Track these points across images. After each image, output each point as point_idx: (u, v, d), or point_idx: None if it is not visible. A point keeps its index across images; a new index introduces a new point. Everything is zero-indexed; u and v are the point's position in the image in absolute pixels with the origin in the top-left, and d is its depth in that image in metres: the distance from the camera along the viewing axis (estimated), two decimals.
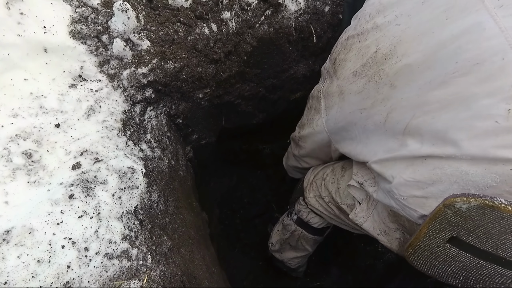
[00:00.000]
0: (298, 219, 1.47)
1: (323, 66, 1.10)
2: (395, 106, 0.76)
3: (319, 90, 1.08)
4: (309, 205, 1.38)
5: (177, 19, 1.02)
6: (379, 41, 0.78)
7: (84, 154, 0.79)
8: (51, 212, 0.66)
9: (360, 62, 0.84)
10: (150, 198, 0.86)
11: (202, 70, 1.12)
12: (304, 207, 1.43)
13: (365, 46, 0.83)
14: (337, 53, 0.96)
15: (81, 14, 0.87)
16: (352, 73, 0.87)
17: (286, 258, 1.69)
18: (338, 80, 0.94)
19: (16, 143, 0.73)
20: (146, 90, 1.00)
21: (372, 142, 0.89)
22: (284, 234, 1.58)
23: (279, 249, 1.68)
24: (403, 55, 0.72)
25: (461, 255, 0.73)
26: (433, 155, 0.69)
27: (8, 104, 0.76)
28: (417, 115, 0.70)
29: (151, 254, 0.74)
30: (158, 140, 1.05)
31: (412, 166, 0.74)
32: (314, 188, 1.34)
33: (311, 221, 1.44)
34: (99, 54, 0.89)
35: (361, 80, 0.84)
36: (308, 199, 1.37)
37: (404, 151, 0.76)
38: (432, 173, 0.70)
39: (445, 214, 0.68)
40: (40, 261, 0.60)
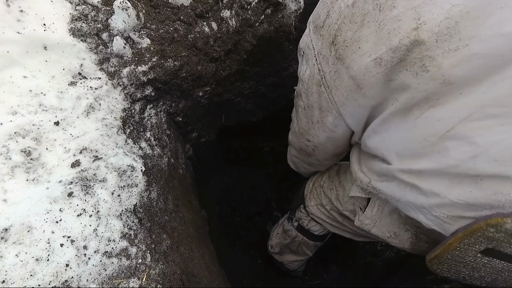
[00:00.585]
0: (299, 226, 1.47)
1: (305, 44, 0.83)
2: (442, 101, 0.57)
3: (319, 83, 0.80)
4: (310, 213, 1.36)
5: (177, 17, 1.02)
6: (422, 13, 0.53)
7: (84, 152, 0.79)
8: (50, 210, 0.66)
9: (387, 45, 0.58)
10: (150, 196, 0.86)
11: (202, 68, 1.11)
12: (305, 215, 1.41)
13: (392, 19, 0.56)
14: (335, 28, 0.69)
15: (81, 11, 0.86)
16: (373, 62, 0.62)
17: (286, 260, 1.69)
18: (349, 70, 0.68)
19: (15, 140, 0.73)
20: (146, 88, 0.99)
21: (391, 136, 0.71)
22: (285, 239, 1.58)
23: (279, 252, 1.68)
24: (470, 37, 0.50)
25: (494, 263, 0.67)
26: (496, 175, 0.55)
27: (7, 101, 0.76)
28: (476, 117, 0.54)
29: (150, 252, 0.74)
30: (158, 138, 1.05)
31: (460, 185, 0.60)
32: (315, 196, 1.33)
33: (312, 228, 1.43)
34: (99, 52, 0.89)
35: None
36: (309, 208, 1.35)
37: (446, 162, 0.60)
38: (492, 199, 0.57)
39: (485, 232, 0.61)
40: (39, 259, 0.60)
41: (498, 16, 0.47)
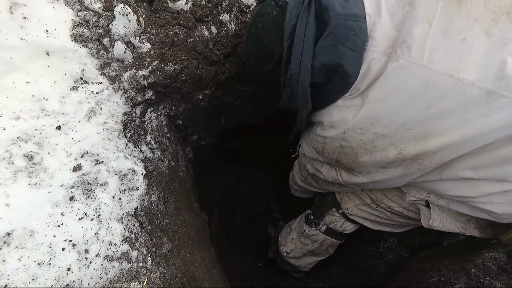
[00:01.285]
0: (328, 229, 1.49)
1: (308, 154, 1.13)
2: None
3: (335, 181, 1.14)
4: (350, 215, 1.38)
5: (177, 21, 1.03)
6: (398, 144, 0.83)
7: (85, 156, 0.80)
8: (52, 214, 0.67)
9: (382, 162, 0.90)
10: (150, 200, 0.87)
11: (202, 71, 1.12)
12: (339, 218, 1.44)
13: (377, 150, 0.87)
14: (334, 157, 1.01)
15: (83, 17, 0.87)
16: (380, 166, 0.93)
17: (304, 263, 1.70)
18: (362, 175, 1.01)
19: (18, 145, 0.74)
20: (146, 92, 1.00)
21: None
22: (308, 244, 1.59)
23: (298, 257, 1.68)
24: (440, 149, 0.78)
25: None
26: None
27: (10, 107, 0.77)
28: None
29: (151, 256, 0.75)
30: (158, 141, 1.05)
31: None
32: (352, 198, 1.34)
33: (346, 229, 1.46)
34: (100, 57, 0.90)
35: (397, 169, 0.90)
36: (348, 210, 1.37)
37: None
38: None
39: None
40: (41, 263, 0.61)
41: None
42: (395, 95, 0.76)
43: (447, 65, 0.69)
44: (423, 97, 0.73)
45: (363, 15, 0.77)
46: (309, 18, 0.80)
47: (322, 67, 0.82)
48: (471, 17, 0.68)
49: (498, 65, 0.66)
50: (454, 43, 0.69)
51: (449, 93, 0.70)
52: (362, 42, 0.77)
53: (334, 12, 0.75)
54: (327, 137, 0.97)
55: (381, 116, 0.81)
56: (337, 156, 0.99)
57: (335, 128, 0.93)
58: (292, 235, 1.68)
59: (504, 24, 0.66)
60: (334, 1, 0.77)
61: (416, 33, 0.72)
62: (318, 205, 1.55)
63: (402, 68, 0.73)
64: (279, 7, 0.90)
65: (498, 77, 0.66)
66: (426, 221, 1.07)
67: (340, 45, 0.77)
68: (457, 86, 0.69)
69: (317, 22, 0.81)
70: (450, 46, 0.69)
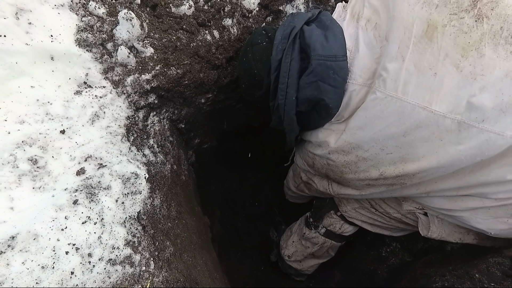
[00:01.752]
0: (328, 232, 1.49)
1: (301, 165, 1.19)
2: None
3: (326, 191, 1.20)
4: (349, 217, 1.39)
5: (180, 26, 1.04)
6: (379, 166, 0.89)
7: (88, 159, 0.81)
8: (56, 218, 0.67)
9: (367, 180, 0.95)
10: (153, 203, 0.87)
11: (204, 75, 1.13)
12: (337, 220, 1.44)
13: (360, 170, 0.94)
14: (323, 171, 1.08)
15: (87, 23, 0.88)
16: (365, 184, 0.98)
17: (306, 266, 1.70)
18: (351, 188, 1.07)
19: (22, 149, 0.74)
20: (149, 96, 1.01)
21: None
22: (308, 247, 1.59)
23: (300, 260, 1.68)
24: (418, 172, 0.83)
25: None
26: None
27: (15, 111, 0.78)
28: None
29: (154, 259, 0.75)
30: (161, 145, 1.06)
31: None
32: (351, 201, 1.35)
33: (345, 231, 1.46)
34: (104, 61, 0.91)
35: (381, 186, 0.96)
36: (346, 212, 1.38)
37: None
38: None
39: None
40: (44, 267, 0.61)
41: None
42: (373, 123, 0.82)
43: (420, 97, 0.74)
44: (399, 126, 0.78)
45: (343, 53, 0.84)
46: (293, 54, 0.86)
47: (306, 100, 0.89)
48: (442, 53, 0.72)
49: (467, 99, 0.70)
50: (426, 77, 0.73)
51: (423, 123, 0.75)
52: (342, 79, 0.84)
53: (315, 53, 0.82)
54: (316, 154, 1.04)
55: (361, 142, 0.87)
56: (326, 171, 1.06)
57: (321, 147, 1.00)
58: (293, 238, 1.67)
59: (473, 59, 0.70)
60: (315, 40, 0.83)
61: (390, 67, 0.77)
62: (317, 208, 1.55)
63: (379, 99, 0.78)
64: (268, 38, 0.96)
65: (467, 109, 0.70)
66: (425, 231, 1.10)
67: (321, 82, 0.84)
68: (430, 117, 0.74)
69: (302, 55, 0.87)
70: (422, 80, 0.74)
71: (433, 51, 0.73)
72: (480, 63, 0.69)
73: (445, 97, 0.72)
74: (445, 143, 0.75)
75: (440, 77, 0.72)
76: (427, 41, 0.74)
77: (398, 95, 0.76)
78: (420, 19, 0.75)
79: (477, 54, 0.70)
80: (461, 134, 0.73)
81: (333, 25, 0.88)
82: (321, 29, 0.87)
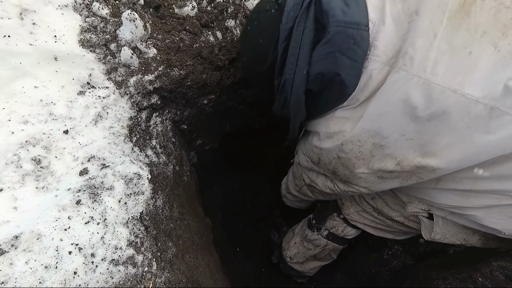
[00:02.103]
0: (330, 234, 1.48)
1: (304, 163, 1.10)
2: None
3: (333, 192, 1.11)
4: (351, 220, 1.37)
5: (183, 27, 1.04)
6: (396, 155, 0.80)
7: (92, 160, 0.81)
8: (59, 218, 0.67)
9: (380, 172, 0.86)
10: (155, 204, 0.87)
11: (207, 76, 1.13)
12: (340, 223, 1.43)
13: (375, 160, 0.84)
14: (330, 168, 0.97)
15: (91, 23, 0.89)
16: (377, 177, 0.89)
17: (307, 268, 1.69)
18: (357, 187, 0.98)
19: (26, 149, 0.74)
20: (152, 97, 1.01)
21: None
22: (310, 249, 1.58)
23: (301, 262, 1.67)
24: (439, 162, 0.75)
25: None
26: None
27: (19, 111, 0.78)
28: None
29: (156, 260, 0.75)
30: (163, 145, 1.06)
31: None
32: (354, 203, 1.34)
33: (347, 234, 1.44)
34: (107, 62, 0.91)
35: (395, 180, 0.87)
36: (349, 215, 1.36)
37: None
38: None
39: None
40: (48, 267, 0.61)
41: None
42: (396, 108, 0.73)
43: (451, 79, 0.66)
44: (424, 110, 0.70)
45: (366, 22, 0.73)
46: (307, 22, 0.76)
47: (318, 75, 0.78)
48: (479, 30, 0.64)
49: (505, 82, 0.63)
50: (460, 56, 0.65)
51: (452, 108, 0.67)
52: (362, 52, 0.73)
53: (334, 19, 0.71)
54: (323, 149, 0.93)
55: (380, 129, 0.77)
56: (334, 167, 0.96)
57: (332, 139, 0.88)
58: (295, 239, 1.67)
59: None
60: (335, 6, 0.72)
61: (420, 44, 0.68)
62: (320, 210, 1.54)
63: (404, 80, 0.69)
64: (278, 5, 0.84)
65: (503, 94, 0.63)
66: (428, 234, 1.05)
67: (338, 53, 0.74)
68: (461, 101, 0.66)
69: (316, 26, 0.77)
70: (455, 59, 0.66)
71: (470, 27, 0.65)
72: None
73: (480, 80, 0.64)
74: (472, 131, 0.67)
75: (475, 57, 0.64)
76: (463, 15, 0.65)
77: (426, 75, 0.67)
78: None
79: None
80: (493, 122, 0.65)
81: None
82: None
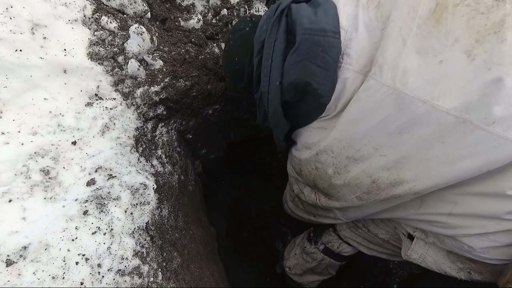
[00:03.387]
0: (326, 249, 1.44)
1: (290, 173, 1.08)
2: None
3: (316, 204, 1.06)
4: (344, 237, 1.34)
5: (188, 39, 1.06)
6: (371, 172, 0.77)
7: (99, 170, 0.82)
8: (66, 228, 0.68)
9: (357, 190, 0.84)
10: (161, 214, 0.88)
11: (212, 87, 1.15)
12: (335, 238, 1.39)
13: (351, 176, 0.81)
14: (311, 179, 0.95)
15: (99, 37, 0.91)
16: (355, 197, 0.87)
17: (306, 281, 1.65)
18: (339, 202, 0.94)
19: (35, 160, 0.76)
20: (158, 107, 1.03)
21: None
22: (308, 262, 1.55)
23: (300, 273, 1.64)
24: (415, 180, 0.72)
25: None
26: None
27: (29, 122, 0.80)
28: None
29: (162, 270, 0.75)
30: (169, 155, 1.07)
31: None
32: None
33: (343, 251, 1.40)
34: (114, 74, 0.93)
35: (371, 200, 0.84)
36: (342, 232, 1.34)
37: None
38: None
39: None
40: (55, 277, 0.62)
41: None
42: (367, 118, 0.70)
43: (421, 89, 0.63)
44: (394, 121, 0.67)
45: (334, 29, 0.71)
46: (278, 33, 0.75)
47: (291, 85, 0.76)
48: (451, 37, 0.61)
49: (478, 93, 0.59)
50: (430, 65, 0.62)
51: (422, 120, 0.64)
52: (332, 60, 0.71)
53: (301, 27, 0.70)
54: (301, 159, 0.92)
55: (352, 140, 0.75)
56: (313, 178, 0.93)
57: (310, 149, 0.87)
58: (295, 250, 1.64)
59: (491, 45, 0.58)
60: (303, 15, 0.71)
61: (389, 52, 0.66)
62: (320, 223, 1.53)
63: (374, 89, 0.67)
64: (253, 23, 0.86)
65: (477, 106, 0.59)
66: (406, 250, 1.00)
67: (307, 62, 0.71)
68: (431, 113, 0.62)
69: (288, 37, 0.76)
70: (425, 68, 0.63)
71: (440, 35, 0.62)
72: (499, 49, 0.57)
73: (451, 90, 0.60)
74: (446, 146, 0.64)
75: (446, 66, 0.61)
76: (434, 22, 0.63)
77: (395, 85, 0.64)
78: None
79: (497, 39, 0.57)
80: (466, 137, 0.61)
81: (325, 3, 0.75)
82: (312, 7, 0.75)
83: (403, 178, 0.73)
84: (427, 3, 0.64)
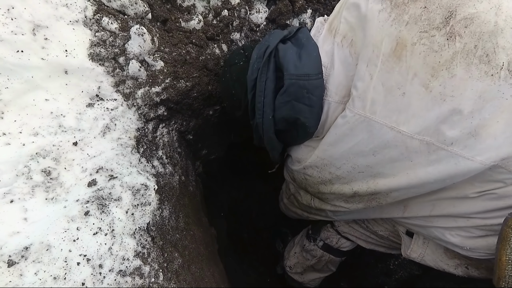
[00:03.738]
0: (325, 245, 1.47)
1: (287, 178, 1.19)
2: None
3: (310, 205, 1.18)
4: (342, 232, 1.37)
5: (189, 40, 1.06)
6: (352, 185, 0.90)
7: (100, 171, 0.82)
8: (68, 229, 0.68)
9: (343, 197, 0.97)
10: (162, 215, 0.88)
11: (213, 88, 1.15)
12: (334, 234, 1.42)
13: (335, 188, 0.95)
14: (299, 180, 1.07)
15: (100, 37, 0.91)
16: (342, 200, 0.99)
17: (307, 280, 1.66)
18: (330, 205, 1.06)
19: (36, 161, 0.76)
20: (158, 108, 1.03)
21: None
22: (308, 259, 1.56)
23: (300, 272, 1.65)
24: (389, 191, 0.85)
25: None
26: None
27: (30, 123, 0.80)
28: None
29: (163, 271, 0.75)
30: (170, 156, 1.07)
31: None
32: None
33: (342, 246, 1.43)
34: (115, 75, 0.93)
35: (358, 204, 0.96)
36: (340, 227, 1.36)
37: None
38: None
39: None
40: (56, 278, 0.62)
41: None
42: (343, 141, 0.82)
43: (387, 117, 0.73)
44: (367, 145, 0.78)
45: (317, 72, 0.82)
46: (268, 73, 0.85)
47: (282, 119, 0.88)
48: (411, 72, 0.70)
49: (436, 120, 0.68)
50: (394, 96, 0.72)
51: (391, 143, 0.74)
52: (317, 98, 0.82)
53: (287, 72, 0.81)
54: (293, 170, 1.05)
55: (332, 159, 0.87)
56: (305, 186, 1.06)
57: (299, 163, 1.00)
58: (295, 249, 1.65)
59: (443, 80, 0.67)
60: (289, 60, 0.82)
61: (359, 86, 0.76)
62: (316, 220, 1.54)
63: (348, 117, 0.78)
64: (246, 57, 0.96)
65: (436, 130, 0.69)
66: (406, 250, 1.07)
67: (295, 101, 0.83)
68: (398, 137, 0.73)
69: (277, 74, 0.86)
70: (390, 99, 0.72)
71: (402, 70, 0.71)
72: (451, 83, 0.66)
73: (413, 118, 0.70)
74: (415, 164, 0.75)
75: (408, 97, 0.70)
76: (395, 59, 0.71)
77: (366, 114, 0.75)
78: (389, 36, 0.72)
79: (448, 74, 0.67)
80: (431, 156, 0.72)
81: (308, 43, 0.86)
82: (297, 47, 0.86)
83: (379, 189, 0.85)
84: (388, 42, 0.72)
